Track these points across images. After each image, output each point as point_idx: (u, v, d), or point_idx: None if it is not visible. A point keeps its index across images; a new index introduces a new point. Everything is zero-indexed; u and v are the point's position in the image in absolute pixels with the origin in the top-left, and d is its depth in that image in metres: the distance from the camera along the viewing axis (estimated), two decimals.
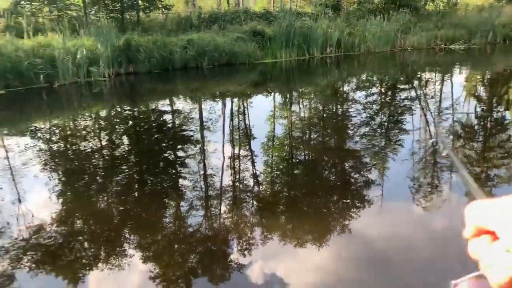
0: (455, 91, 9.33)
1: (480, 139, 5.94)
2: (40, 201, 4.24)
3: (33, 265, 3.09)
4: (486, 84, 10.70)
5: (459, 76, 11.88)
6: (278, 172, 4.96)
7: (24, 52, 11.43)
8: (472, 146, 5.53)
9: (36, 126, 7.75)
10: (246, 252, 3.17)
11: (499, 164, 4.81)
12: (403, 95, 9.25)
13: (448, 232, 3.42)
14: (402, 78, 11.85)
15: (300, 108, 8.70)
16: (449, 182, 4.38)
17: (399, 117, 7.16)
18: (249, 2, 28.16)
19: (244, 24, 17.20)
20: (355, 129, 6.54)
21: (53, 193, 4.43)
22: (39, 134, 7.12)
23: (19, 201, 4.25)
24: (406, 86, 10.54)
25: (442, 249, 3.15)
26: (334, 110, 8.29)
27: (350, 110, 8.00)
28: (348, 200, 4.05)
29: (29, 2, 17.05)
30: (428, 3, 21.18)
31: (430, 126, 6.51)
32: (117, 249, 3.29)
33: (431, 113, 7.45)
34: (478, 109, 7.70)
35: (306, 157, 5.51)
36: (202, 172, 4.90)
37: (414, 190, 4.25)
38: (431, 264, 2.93)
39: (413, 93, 9.36)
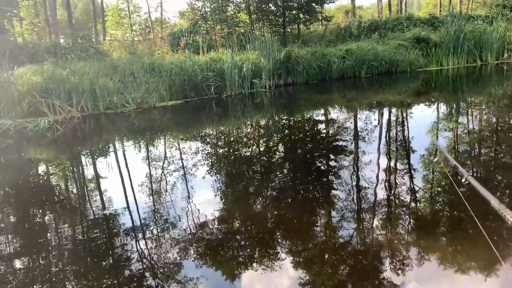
0: None
1: None
2: (205, 199, 4.71)
3: (197, 256, 3.44)
4: None
5: None
6: (439, 189, 4.55)
7: (199, 67, 12.90)
8: None
9: (205, 132, 8.66)
10: (400, 272, 2.99)
11: None
12: None
13: None
14: None
15: (468, 119, 7.85)
16: None
17: None
18: (412, 8, 26.72)
19: (406, 31, 16.39)
20: None
21: (216, 194, 4.88)
22: (207, 140, 7.93)
23: (189, 197, 4.79)
24: None
25: None
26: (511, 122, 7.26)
27: None
28: None
29: (204, 22, 19.17)
30: None
31: None
32: (270, 251, 3.44)
33: None
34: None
35: (475, 174, 4.93)
36: (354, 184, 4.80)
37: None
38: None
39: None
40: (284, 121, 9.37)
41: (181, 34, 16.95)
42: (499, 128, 6.98)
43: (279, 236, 3.73)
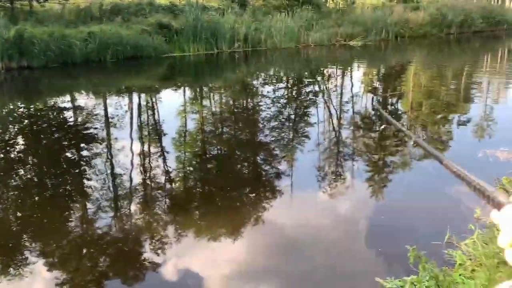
0: (355, 85, 10.01)
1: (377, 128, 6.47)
2: None
3: None
4: (381, 77, 11.65)
5: (358, 71, 12.78)
6: (191, 168, 4.92)
7: None
8: (370, 136, 6.00)
9: None
10: (159, 251, 3.12)
11: (394, 151, 5.28)
12: (308, 89, 9.70)
13: (352, 215, 3.69)
14: (306, 73, 12.39)
15: (210, 102, 8.69)
16: (351, 169, 4.72)
17: (305, 110, 7.50)
18: None
19: (149, 17, 16.66)
20: (265, 123, 6.71)
21: None
22: None
23: None
24: (310, 81, 11.06)
25: (348, 231, 3.39)
26: (244, 104, 8.42)
27: (259, 104, 8.19)
28: (260, 192, 4.16)
29: None
30: (328, 1, 22.34)
31: (333, 118, 6.95)
32: (18, 257, 3.03)
33: (333, 106, 7.91)
34: (375, 101, 8.35)
35: (219, 152, 5.54)
36: (109, 172, 4.69)
37: (321, 178, 4.50)
38: (335, 246, 3.15)
39: (316, 88, 9.85)
40: (21, 109, 8.23)
41: None
42: (235, 109, 8.00)
43: (28, 239, 3.32)
